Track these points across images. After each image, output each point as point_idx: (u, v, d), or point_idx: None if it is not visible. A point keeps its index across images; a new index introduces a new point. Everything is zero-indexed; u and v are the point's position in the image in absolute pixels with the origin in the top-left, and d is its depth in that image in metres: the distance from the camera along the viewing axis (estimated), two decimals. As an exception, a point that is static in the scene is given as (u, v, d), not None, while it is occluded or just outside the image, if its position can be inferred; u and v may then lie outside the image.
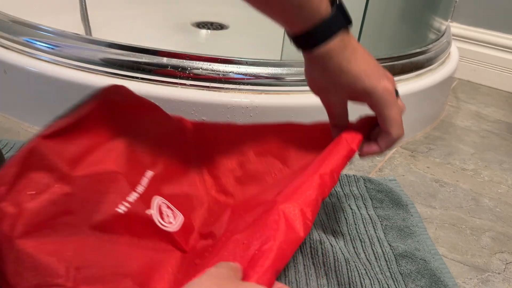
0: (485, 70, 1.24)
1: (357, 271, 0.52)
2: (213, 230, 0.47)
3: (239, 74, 0.71)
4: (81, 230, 0.39)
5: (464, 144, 0.90)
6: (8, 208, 0.37)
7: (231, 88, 0.71)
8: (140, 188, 0.46)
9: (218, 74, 0.70)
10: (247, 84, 0.71)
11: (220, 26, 1.25)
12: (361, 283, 0.50)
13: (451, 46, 1.03)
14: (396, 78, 0.83)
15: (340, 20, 0.42)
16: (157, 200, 0.47)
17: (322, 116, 0.77)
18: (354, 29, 0.82)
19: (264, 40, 1.12)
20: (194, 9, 1.30)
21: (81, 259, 0.38)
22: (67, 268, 0.36)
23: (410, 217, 0.63)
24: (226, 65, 0.71)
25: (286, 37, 0.45)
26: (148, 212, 0.44)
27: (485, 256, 0.60)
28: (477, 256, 0.60)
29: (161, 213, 0.46)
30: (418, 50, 0.89)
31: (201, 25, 1.24)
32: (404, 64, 0.84)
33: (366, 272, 0.52)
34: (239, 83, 0.71)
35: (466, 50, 1.24)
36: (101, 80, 0.71)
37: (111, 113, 0.48)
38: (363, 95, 0.45)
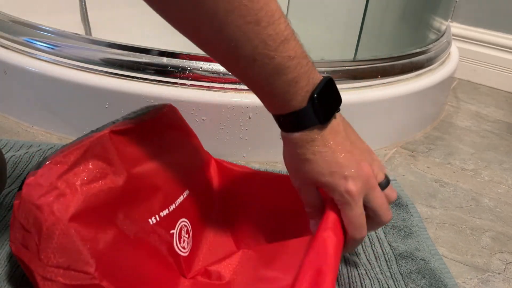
0: (485, 70, 1.24)
1: (357, 271, 0.52)
2: (220, 271, 0.48)
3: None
4: (115, 227, 0.41)
5: (464, 144, 0.90)
6: (63, 187, 0.38)
7: (231, 88, 0.71)
8: (172, 207, 0.48)
9: (218, 74, 0.70)
10: (247, 84, 0.71)
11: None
12: (361, 283, 0.50)
13: (451, 46, 1.04)
14: (396, 78, 0.83)
15: (310, 117, 0.41)
16: (180, 223, 0.49)
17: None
18: (354, 29, 0.82)
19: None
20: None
21: (109, 255, 0.39)
22: (96, 259, 0.37)
23: (410, 217, 0.63)
24: (226, 65, 0.70)
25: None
26: (171, 231, 0.47)
27: (485, 256, 0.60)
28: (477, 256, 0.60)
29: (180, 236, 0.48)
30: (418, 50, 0.89)
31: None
32: (404, 64, 0.84)
33: (366, 272, 0.52)
34: (239, 83, 0.71)
35: (466, 50, 1.24)
36: (101, 80, 0.71)
37: (164, 129, 0.51)
38: (326, 189, 0.44)
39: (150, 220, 0.45)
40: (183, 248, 0.48)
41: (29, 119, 0.78)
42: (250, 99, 0.70)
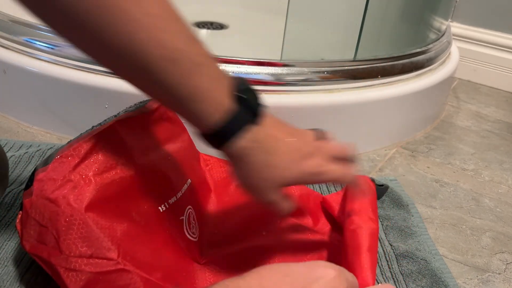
0: (485, 70, 1.24)
1: (358, 271, 0.52)
2: (234, 263, 0.50)
3: (239, 74, 0.70)
4: (129, 215, 0.42)
5: (464, 144, 0.89)
6: (77, 179, 0.39)
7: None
8: (179, 194, 0.49)
9: (218, 74, 0.70)
10: (247, 84, 0.71)
11: (220, 26, 1.25)
12: (361, 283, 0.50)
13: (451, 46, 1.03)
14: (396, 78, 0.83)
15: (244, 116, 0.38)
16: (188, 209, 0.50)
17: (322, 116, 0.77)
18: (354, 29, 0.82)
19: (264, 40, 1.12)
20: (194, 9, 1.30)
21: (126, 241, 0.40)
22: (117, 245, 0.38)
23: (411, 217, 0.63)
24: (226, 65, 0.70)
25: (286, 36, 0.45)
26: (181, 218, 0.48)
27: (486, 256, 0.60)
28: (477, 256, 0.60)
29: (189, 222, 0.49)
30: (418, 50, 0.89)
31: (201, 25, 1.24)
32: (404, 64, 0.84)
33: (367, 272, 0.52)
34: (239, 83, 0.71)
35: (466, 50, 1.24)
36: (101, 80, 0.70)
37: (163, 121, 0.52)
38: (297, 183, 0.43)
39: (160, 207, 0.46)
40: (193, 233, 0.50)
41: (29, 119, 0.78)
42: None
